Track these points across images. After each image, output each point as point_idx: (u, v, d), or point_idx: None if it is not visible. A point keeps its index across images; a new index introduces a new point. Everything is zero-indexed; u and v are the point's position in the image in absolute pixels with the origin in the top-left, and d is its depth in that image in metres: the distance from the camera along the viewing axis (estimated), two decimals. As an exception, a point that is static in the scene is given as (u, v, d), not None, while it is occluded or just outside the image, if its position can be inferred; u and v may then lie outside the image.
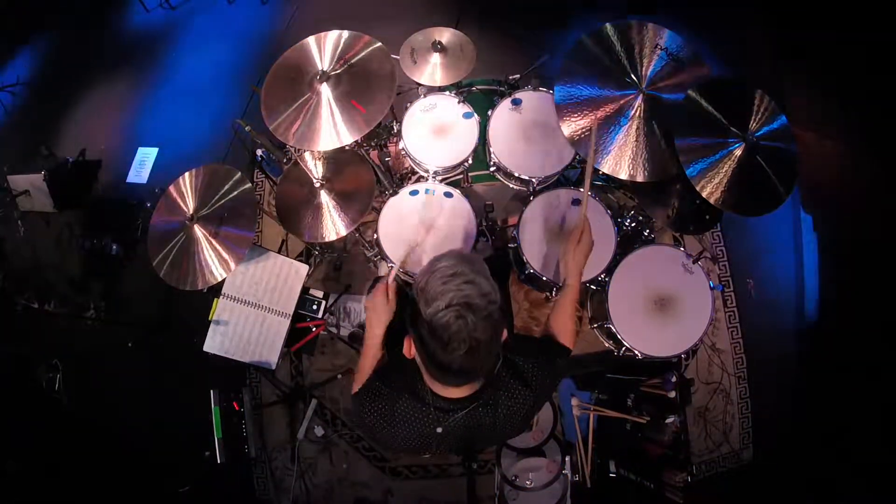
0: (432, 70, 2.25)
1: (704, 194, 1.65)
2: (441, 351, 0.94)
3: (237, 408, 2.15)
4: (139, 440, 2.65)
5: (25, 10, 3.85)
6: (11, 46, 3.86)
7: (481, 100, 2.59)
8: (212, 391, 2.12)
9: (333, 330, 2.57)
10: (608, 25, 1.84)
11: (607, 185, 2.59)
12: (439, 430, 1.12)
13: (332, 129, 1.92)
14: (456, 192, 2.15)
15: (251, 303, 2.13)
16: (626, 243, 2.21)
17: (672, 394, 2.12)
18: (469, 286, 0.93)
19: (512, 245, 2.17)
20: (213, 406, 2.10)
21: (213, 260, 1.86)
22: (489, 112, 2.30)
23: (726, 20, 2.86)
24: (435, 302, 0.93)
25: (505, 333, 1.03)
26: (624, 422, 2.18)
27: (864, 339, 2.33)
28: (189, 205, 1.92)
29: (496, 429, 1.16)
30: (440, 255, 1.01)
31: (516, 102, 2.29)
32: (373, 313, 1.38)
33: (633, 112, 1.79)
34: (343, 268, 2.72)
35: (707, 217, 2.06)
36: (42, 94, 3.64)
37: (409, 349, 1.04)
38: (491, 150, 2.26)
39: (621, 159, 1.79)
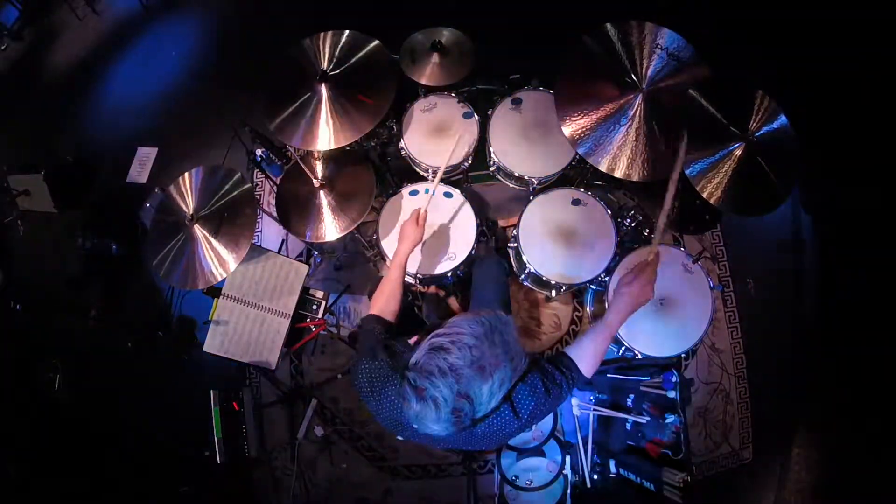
0: (432, 70, 2.25)
1: (704, 195, 1.65)
2: (400, 400, 1.00)
3: (237, 408, 2.15)
4: (139, 440, 2.65)
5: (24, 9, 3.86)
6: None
7: (481, 100, 2.58)
8: (212, 391, 2.13)
9: (333, 330, 2.57)
10: (609, 25, 1.84)
11: (607, 185, 2.59)
12: (416, 426, 1.10)
13: (332, 129, 1.92)
14: (455, 192, 2.15)
15: (251, 303, 2.13)
16: (626, 243, 2.21)
17: (672, 394, 2.11)
18: (449, 396, 0.94)
19: (512, 245, 2.17)
20: (213, 406, 2.10)
21: (213, 260, 1.86)
22: (489, 112, 2.30)
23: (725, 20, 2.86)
24: (418, 371, 0.96)
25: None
26: (624, 422, 2.18)
27: (863, 339, 2.33)
28: (189, 205, 1.92)
29: (472, 441, 1.15)
30: (477, 330, 0.98)
31: (516, 102, 2.29)
32: (404, 234, 1.61)
33: (632, 112, 1.79)
34: (343, 268, 2.72)
35: (707, 217, 2.06)
36: (42, 94, 3.64)
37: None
38: (491, 150, 2.26)
39: (621, 159, 1.79)
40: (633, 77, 1.81)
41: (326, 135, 1.92)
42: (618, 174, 1.78)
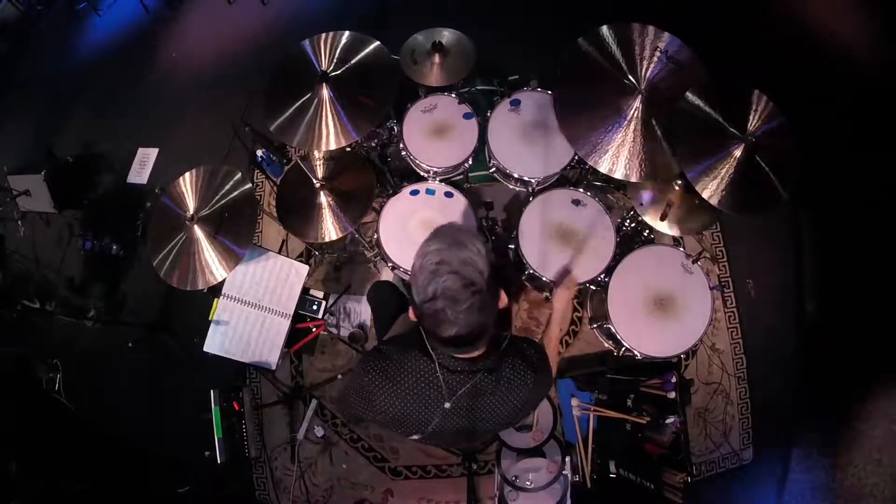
0: (432, 70, 2.25)
1: (705, 195, 1.66)
2: (435, 330, 1.02)
3: (237, 408, 2.15)
4: (139, 440, 2.65)
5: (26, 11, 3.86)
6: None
7: (481, 100, 2.59)
8: (212, 391, 2.13)
9: (333, 330, 2.57)
10: (604, 28, 1.85)
11: (607, 186, 2.59)
12: (447, 405, 1.13)
13: (332, 129, 1.92)
14: (456, 192, 2.15)
15: (251, 303, 2.13)
16: (626, 243, 2.21)
17: (672, 394, 2.12)
18: (452, 278, 0.97)
19: (512, 245, 2.17)
20: (213, 406, 2.10)
21: (213, 260, 1.86)
22: (489, 112, 2.30)
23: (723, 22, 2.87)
24: (423, 292, 1.00)
25: (504, 299, 1.09)
26: (624, 422, 2.18)
27: (863, 339, 2.33)
28: (189, 205, 1.92)
29: (496, 403, 1.17)
30: (432, 237, 1.05)
31: (515, 103, 2.29)
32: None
33: (631, 113, 1.80)
34: (343, 268, 2.73)
35: (707, 217, 2.06)
36: (42, 94, 3.64)
37: (412, 314, 1.08)
38: (491, 150, 2.26)
39: (620, 159, 1.79)
40: (632, 78, 1.81)
41: (327, 135, 1.92)
42: (617, 175, 1.79)
